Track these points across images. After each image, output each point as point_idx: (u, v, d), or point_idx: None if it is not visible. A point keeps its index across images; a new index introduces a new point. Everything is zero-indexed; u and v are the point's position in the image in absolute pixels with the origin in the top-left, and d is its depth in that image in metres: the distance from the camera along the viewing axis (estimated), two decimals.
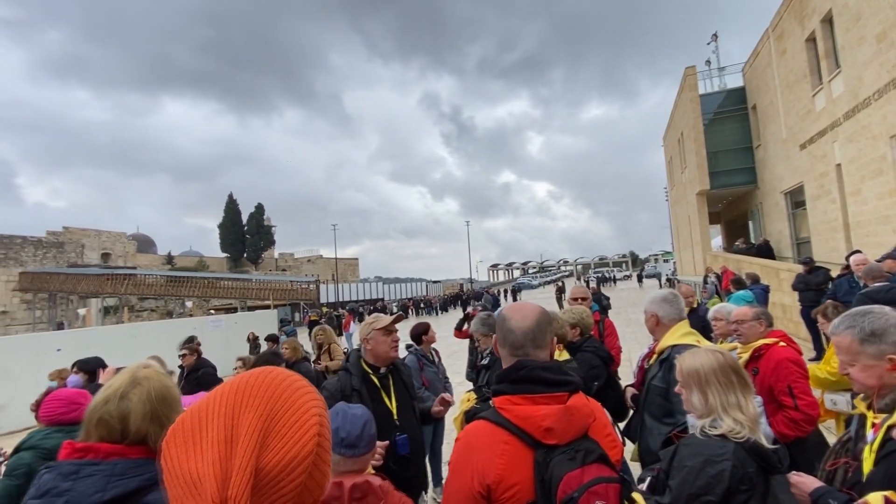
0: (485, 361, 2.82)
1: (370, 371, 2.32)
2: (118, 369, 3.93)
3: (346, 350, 6.08)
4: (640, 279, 38.20)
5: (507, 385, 1.10)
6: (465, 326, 5.10)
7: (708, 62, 20.21)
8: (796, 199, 14.65)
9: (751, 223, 19.88)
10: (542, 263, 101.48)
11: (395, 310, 33.89)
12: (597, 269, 71.25)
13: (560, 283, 26.49)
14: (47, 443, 2.13)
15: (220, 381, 5.00)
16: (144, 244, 49.62)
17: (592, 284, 26.78)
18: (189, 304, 28.10)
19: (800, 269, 7.98)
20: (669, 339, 2.15)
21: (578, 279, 53.81)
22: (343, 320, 16.94)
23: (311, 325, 19.88)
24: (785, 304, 9.82)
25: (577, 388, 1.09)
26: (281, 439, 0.52)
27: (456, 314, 27.87)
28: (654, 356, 2.23)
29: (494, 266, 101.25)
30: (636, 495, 1.02)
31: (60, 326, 28.11)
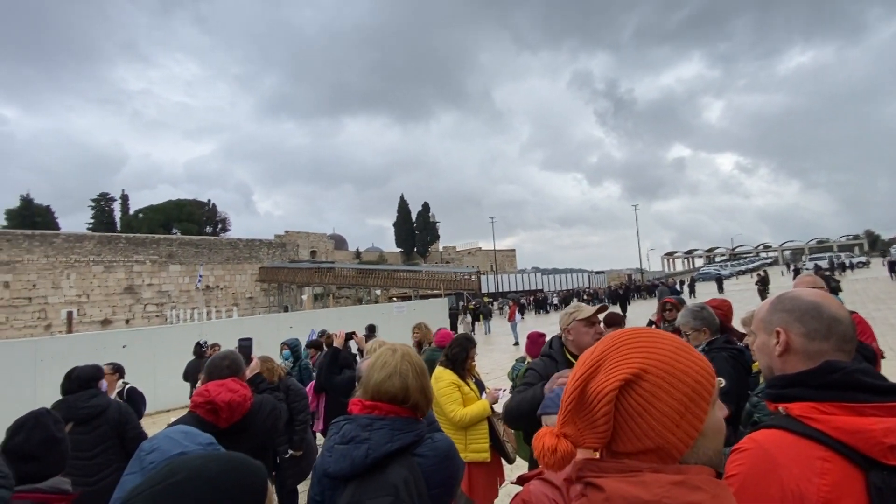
0: None
1: (574, 361, 2.26)
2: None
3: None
4: (892, 267, 25.72)
5: (808, 390, 0.91)
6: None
7: None
8: None
9: None
10: (733, 249, 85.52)
11: (554, 301, 33.15)
12: (814, 255, 56.70)
13: (762, 273, 21.94)
14: None
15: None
16: (339, 242, 59.21)
17: (807, 272, 21.30)
18: (378, 292, 32.70)
19: None
20: None
21: (787, 267, 43.90)
22: (508, 311, 17.31)
23: (470, 313, 20.96)
24: None
25: None
26: (599, 375, 0.72)
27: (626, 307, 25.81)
28: None
29: (670, 254, 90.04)
30: None
31: (286, 309, 35.64)
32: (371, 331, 6.52)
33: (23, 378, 7.00)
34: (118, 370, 4.27)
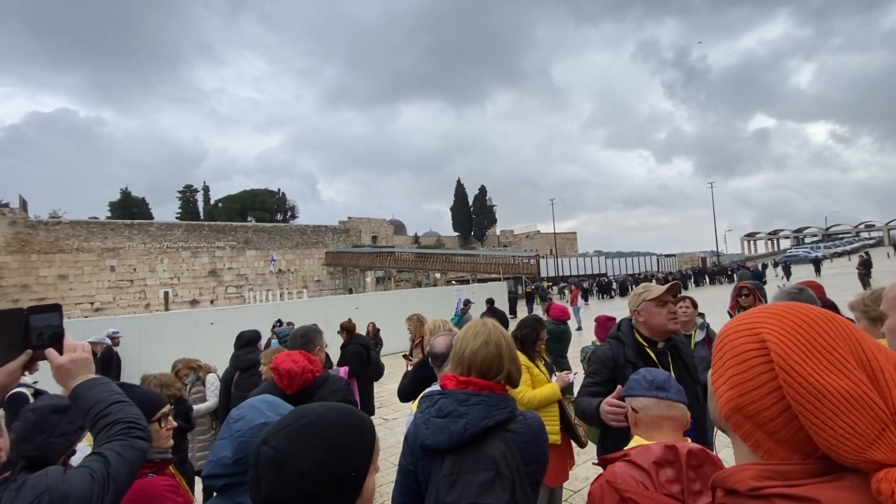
0: None
1: (645, 344, 2.13)
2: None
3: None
4: None
5: None
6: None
7: None
8: None
9: None
10: (827, 229, 76.55)
11: (614, 286, 31.71)
12: None
13: (864, 255, 19.46)
14: None
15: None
16: (398, 227, 60.66)
17: None
18: (438, 275, 33.40)
19: None
20: None
21: (894, 248, 38.66)
22: (569, 295, 16.87)
23: (528, 297, 20.56)
24: None
25: None
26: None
27: (701, 292, 24.23)
28: None
29: (751, 235, 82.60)
30: None
31: (350, 291, 37.31)
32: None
33: (131, 349, 7.97)
34: None
